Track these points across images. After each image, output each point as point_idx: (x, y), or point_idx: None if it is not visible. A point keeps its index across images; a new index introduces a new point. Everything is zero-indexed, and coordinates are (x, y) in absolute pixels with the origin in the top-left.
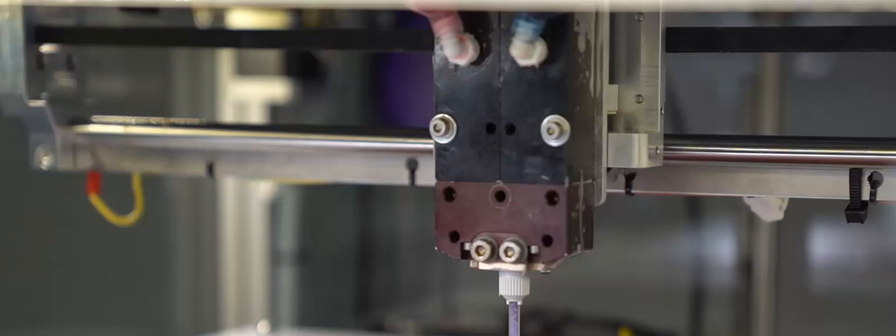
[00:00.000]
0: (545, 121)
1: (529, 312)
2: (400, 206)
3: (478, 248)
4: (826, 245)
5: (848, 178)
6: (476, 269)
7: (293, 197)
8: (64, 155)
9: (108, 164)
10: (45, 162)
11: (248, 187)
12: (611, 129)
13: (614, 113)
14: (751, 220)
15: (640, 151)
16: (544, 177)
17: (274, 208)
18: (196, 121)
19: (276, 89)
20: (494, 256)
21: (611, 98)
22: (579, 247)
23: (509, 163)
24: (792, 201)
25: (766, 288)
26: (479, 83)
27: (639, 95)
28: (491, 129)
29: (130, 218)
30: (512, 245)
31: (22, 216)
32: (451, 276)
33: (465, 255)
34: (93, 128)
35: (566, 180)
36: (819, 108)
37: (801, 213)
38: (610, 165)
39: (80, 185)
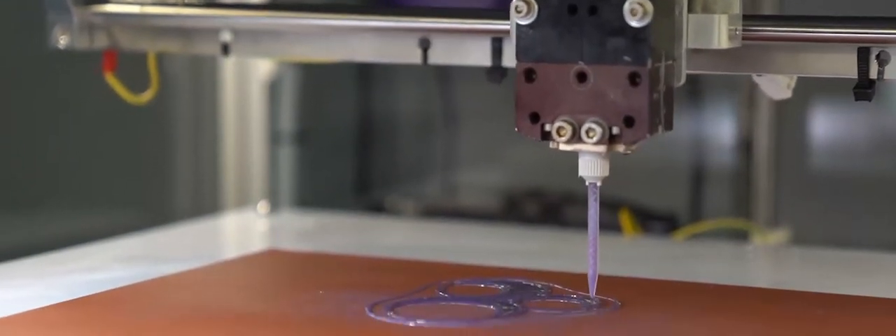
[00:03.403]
0: (628, 2)
1: (528, 193)
2: (400, 85)
3: (559, 128)
4: (826, 125)
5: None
6: (476, 149)
7: (293, 77)
8: (81, 34)
9: (124, 43)
10: (63, 41)
11: (247, 67)
12: (689, 10)
13: None
14: (751, 99)
15: (720, 32)
16: (627, 57)
17: (273, 88)
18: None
19: None
20: (575, 137)
21: None
22: (661, 128)
23: (591, 44)
24: None
25: (766, 168)
26: None
27: None
28: (573, 10)
29: (145, 96)
30: (593, 126)
31: (20, 100)
32: (451, 156)
33: (546, 135)
34: (109, 7)
35: (649, 61)
36: None
37: (801, 92)
38: (690, 46)
39: (79, 67)
